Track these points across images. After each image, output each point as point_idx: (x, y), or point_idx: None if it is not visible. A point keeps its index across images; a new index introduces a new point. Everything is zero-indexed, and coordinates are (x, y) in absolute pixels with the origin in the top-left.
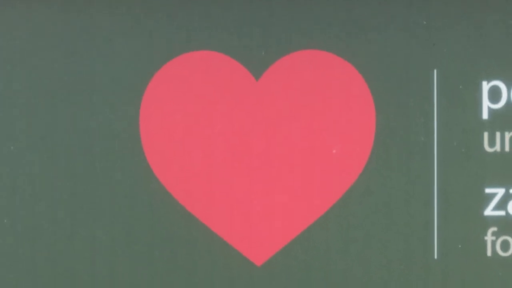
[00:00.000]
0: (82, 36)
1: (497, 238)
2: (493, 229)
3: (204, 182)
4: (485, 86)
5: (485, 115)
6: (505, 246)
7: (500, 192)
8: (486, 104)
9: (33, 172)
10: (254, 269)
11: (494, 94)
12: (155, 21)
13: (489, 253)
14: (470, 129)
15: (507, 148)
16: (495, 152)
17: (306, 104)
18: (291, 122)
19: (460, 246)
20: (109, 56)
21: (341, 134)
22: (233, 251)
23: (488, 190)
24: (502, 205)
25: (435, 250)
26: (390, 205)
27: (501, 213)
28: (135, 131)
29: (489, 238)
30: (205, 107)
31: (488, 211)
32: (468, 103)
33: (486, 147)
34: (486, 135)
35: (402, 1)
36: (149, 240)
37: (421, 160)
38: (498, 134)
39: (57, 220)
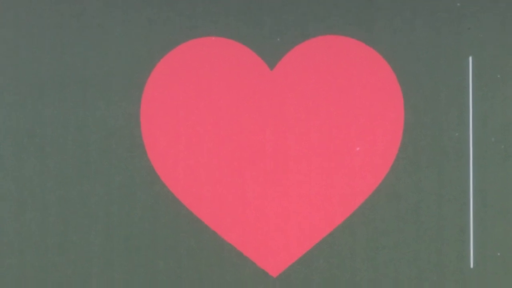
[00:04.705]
0: (73, 25)
1: None
2: None
3: (213, 184)
4: None
5: None
6: None
7: None
8: None
9: (20, 175)
10: (269, 280)
11: None
12: (154, 7)
13: None
14: (510, 124)
15: None
16: None
17: (326, 96)
18: (309, 116)
19: (499, 254)
20: (104, 46)
21: (365, 130)
22: (246, 260)
23: None
24: None
25: (471, 259)
26: (420, 209)
27: None
28: (136, 128)
29: None
30: (213, 101)
31: None
32: (508, 95)
33: None
34: None
35: None
36: (152, 250)
37: (455, 158)
38: None
39: (47, 228)
